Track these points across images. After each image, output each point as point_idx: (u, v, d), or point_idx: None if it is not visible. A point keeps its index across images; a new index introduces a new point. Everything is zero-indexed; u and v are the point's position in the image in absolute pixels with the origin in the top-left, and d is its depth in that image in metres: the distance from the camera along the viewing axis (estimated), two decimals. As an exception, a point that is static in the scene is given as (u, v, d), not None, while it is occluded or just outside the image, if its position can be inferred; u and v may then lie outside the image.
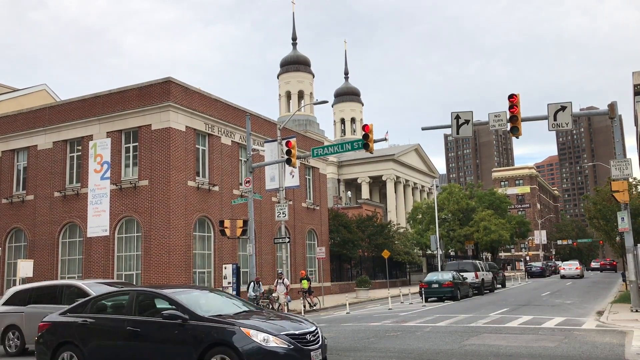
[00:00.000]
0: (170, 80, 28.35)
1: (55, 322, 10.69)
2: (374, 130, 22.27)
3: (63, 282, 15.64)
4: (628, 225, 19.87)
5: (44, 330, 10.70)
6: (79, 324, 10.23)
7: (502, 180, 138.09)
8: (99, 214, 29.10)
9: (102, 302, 10.68)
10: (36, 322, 12.76)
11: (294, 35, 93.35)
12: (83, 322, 10.22)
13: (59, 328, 10.50)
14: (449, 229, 62.76)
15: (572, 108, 19.07)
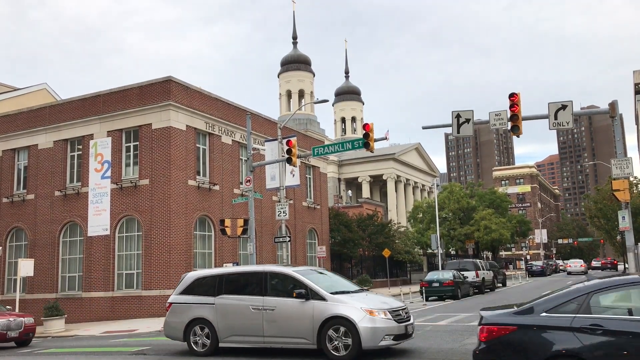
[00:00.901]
0: (171, 80, 28.34)
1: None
2: (374, 129, 22.23)
3: (267, 269, 12.87)
4: (629, 224, 19.84)
5: None
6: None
7: (502, 179, 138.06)
8: (100, 213, 29.12)
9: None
10: (233, 316, 12.32)
11: (295, 34, 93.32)
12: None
13: None
14: (449, 228, 62.73)
15: (572, 107, 19.03)
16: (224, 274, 13.25)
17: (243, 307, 12.23)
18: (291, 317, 11.67)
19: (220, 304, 12.54)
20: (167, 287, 26.77)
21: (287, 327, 11.66)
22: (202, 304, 12.78)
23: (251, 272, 13.15)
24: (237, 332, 12.27)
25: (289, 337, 11.68)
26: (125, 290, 27.92)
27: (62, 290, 29.94)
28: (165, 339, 14.74)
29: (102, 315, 27.66)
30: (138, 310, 26.81)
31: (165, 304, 26.01)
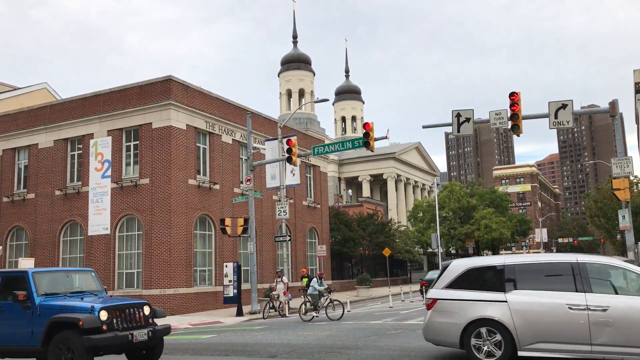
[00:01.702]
0: (171, 79, 28.35)
1: None
2: (374, 128, 22.26)
3: (585, 259, 10.14)
4: (629, 223, 19.86)
5: None
6: None
7: (503, 178, 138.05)
8: (100, 212, 29.14)
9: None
10: (539, 316, 9.64)
11: (295, 33, 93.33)
12: None
13: None
14: (449, 227, 62.73)
15: (573, 106, 19.05)
16: (513, 264, 10.43)
17: (555, 306, 9.63)
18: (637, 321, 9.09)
19: (516, 302, 9.87)
20: (168, 286, 26.80)
21: (632, 333, 9.12)
22: (487, 301, 10.12)
23: (558, 262, 10.34)
24: (546, 338, 9.60)
25: (634, 347, 9.08)
26: (126, 289, 27.94)
27: (62, 289, 29.93)
28: (164, 338, 14.75)
29: (102, 315, 27.63)
30: (138, 309, 26.79)
31: (164, 303, 26.07)
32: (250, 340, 15.18)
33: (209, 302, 29.02)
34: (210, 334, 17.72)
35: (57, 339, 10.24)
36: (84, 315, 10.09)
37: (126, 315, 10.68)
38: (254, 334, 16.89)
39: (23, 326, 10.78)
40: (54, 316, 10.37)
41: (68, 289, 11.57)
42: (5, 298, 11.19)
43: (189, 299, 27.79)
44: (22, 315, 10.83)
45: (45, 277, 11.41)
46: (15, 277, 11.32)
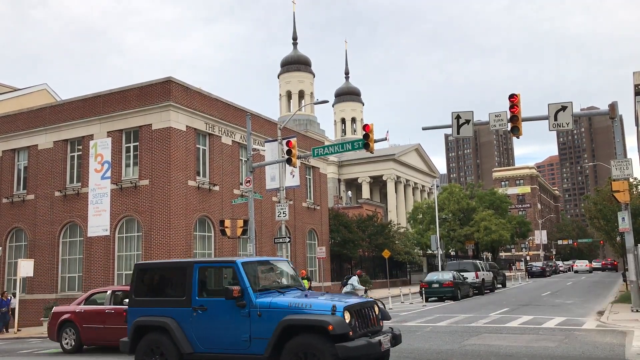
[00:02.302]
0: (171, 80, 28.36)
1: None
2: (374, 130, 22.24)
3: None
4: (628, 225, 19.86)
5: None
6: None
7: (502, 180, 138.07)
8: (100, 213, 29.13)
9: None
10: None
11: (295, 35, 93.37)
12: None
13: None
14: (449, 228, 62.71)
15: (572, 108, 19.06)
16: None
17: None
18: None
19: None
20: (167, 288, 26.77)
21: None
22: None
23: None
24: None
25: None
26: (125, 290, 27.91)
27: (62, 290, 29.94)
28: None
29: (101, 316, 27.62)
30: (138, 310, 26.77)
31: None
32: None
33: (209, 304, 28.95)
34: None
35: (295, 346, 8.34)
36: (332, 318, 8.24)
37: (363, 317, 8.95)
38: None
39: (236, 329, 8.97)
40: (286, 318, 8.50)
41: (275, 282, 9.99)
42: (209, 294, 9.53)
43: (188, 300, 27.73)
44: (235, 316, 9.00)
45: (253, 268, 9.65)
46: (219, 268, 9.82)
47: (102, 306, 15.54)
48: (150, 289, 10.23)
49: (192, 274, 9.54)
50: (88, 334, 15.31)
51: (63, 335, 15.79)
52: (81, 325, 15.43)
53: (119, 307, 14.87)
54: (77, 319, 15.59)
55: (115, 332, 14.22)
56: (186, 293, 9.56)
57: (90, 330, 15.27)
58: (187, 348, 9.38)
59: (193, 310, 9.41)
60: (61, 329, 15.83)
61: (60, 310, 16.50)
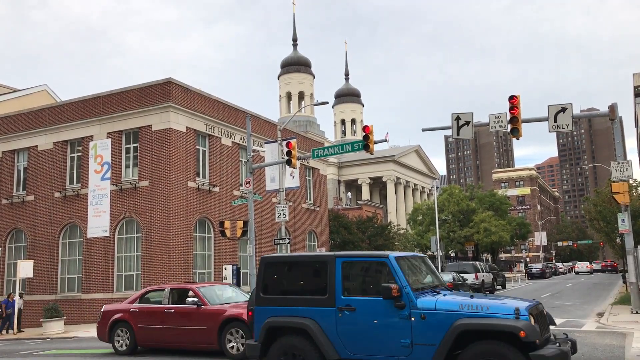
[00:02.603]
0: (171, 81, 28.36)
1: None
2: (374, 131, 22.24)
3: None
4: (628, 227, 19.87)
5: None
6: None
7: (502, 181, 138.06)
8: (99, 214, 29.12)
9: None
10: None
11: (295, 36, 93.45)
12: None
13: None
14: (449, 230, 62.74)
15: (572, 109, 19.07)
16: None
17: None
18: None
19: None
20: (167, 289, 26.75)
21: None
22: None
23: None
24: None
25: None
26: (125, 291, 27.89)
27: (61, 291, 29.92)
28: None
29: (101, 317, 27.60)
30: (137, 311, 26.77)
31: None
32: (249, 343, 15.12)
33: (208, 305, 28.96)
34: (209, 336, 17.64)
35: (474, 355, 7.33)
36: (520, 323, 7.27)
37: (542, 320, 7.94)
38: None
39: (393, 333, 7.97)
40: (460, 322, 7.50)
41: (424, 280, 8.98)
42: (356, 292, 8.53)
43: (188, 301, 27.72)
44: (391, 318, 8.03)
45: (405, 264, 8.64)
46: (367, 264, 8.74)
47: (160, 305, 14.25)
48: (280, 286, 9.26)
49: (335, 270, 8.59)
50: (144, 334, 14.21)
51: (115, 335, 14.73)
52: (136, 326, 14.29)
53: (179, 307, 13.83)
54: (131, 319, 14.44)
55: (175, 334, 13.56)
56: (328, 291, 8.56)
57: (147, 331, 14.14)
58: (332, 353, 8.39)
59: (338, 311, 8.43)
60: (113, 330, 14.76)
61: (112, 309, 15.31)
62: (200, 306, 13.41)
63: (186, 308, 13.60)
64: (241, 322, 12.50)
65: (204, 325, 13.04)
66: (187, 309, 13.58)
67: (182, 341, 13.53)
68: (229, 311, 12.97)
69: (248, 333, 11.90)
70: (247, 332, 12.13)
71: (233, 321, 12.70)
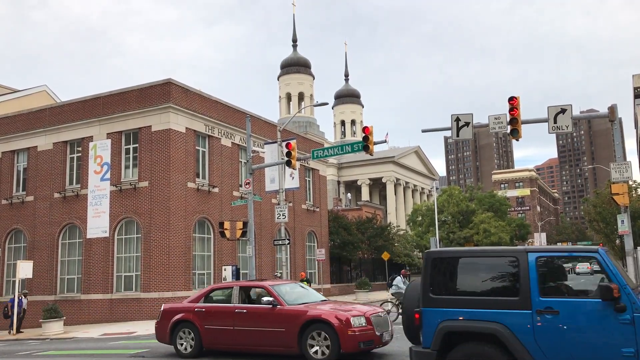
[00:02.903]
0: (171, 82, 28.37)
1: None
2: (374, 132, 22.25)
3: None
4: (628, 228, 19.86)
5: None
6: None
7: (502, 182, 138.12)
8: (99, 215, 29.12)
9: None
10: None
11: (295, 36, 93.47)
12: None
13: None
14: (448, 231, 62.73)
15: (572, 111, 19.06)
16: None
17: None
18: None
19: None
20: (166, 290, 26.75)
21: None
22: None
23: None
24: None
25: None
26: (124, 292, 27.89)
27: (60, 292, 29.91)
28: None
29: (100, 318, 27.62)
30: (137, 312, 26.79)
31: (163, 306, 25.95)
32: (248, 343, 15.10)
33: (208, 306, 28.95)
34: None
35: None
36: None
37: None
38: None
39: (612, 340, 7.04)
40: None
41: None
42: (558, 292, 7.63)
43: (187, 302, 27.71)
44: (609, 323, 7.09)
45: (614, 260, 7.81)
46: (569, 259, 8.01)
47: (229, 305, 13.13)
48: (453, 285, 8.27)
49: (528, 267, 7.58)
50: (212, 336, 13.09)
51: (178, 337, 13.53)
52: (202, 327, 13.17)
53: (253, 307, 12.76)
54: (196, 319, 13.30)
55: (248, 336, 12.51)
56: (521, 291, 7.57)
57: (215, 332, 13.03)
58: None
59: (536, 314, 7.43)
60: (175, 330, 13.59)
61: (173, 308, 14.07)
62: (275, 306, 12.32)
63: (260, 308, 12.52)
64: (325, 324, 11.53)
65: (282, 327, 12.00)
66: (262, 309, 12.49)
67: (256, 344, 12.47)
68: (311, 312, 11.92)
69: (334, 336, 11.30)
70: (332, 335, 11.36)
71: (315, 323, 11.68)
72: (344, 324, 11.36)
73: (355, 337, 11.35)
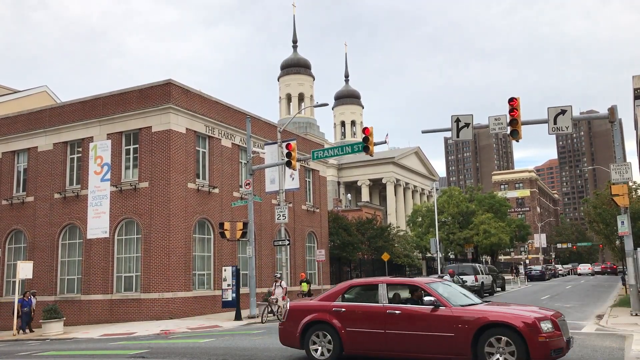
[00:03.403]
0: (171, 83, 28.38)
1: None
2: (374, 133, 22.29)
3: None
4: (628, 229, 19.87)
5: None
6: None
7: (502, 183, 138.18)
8: (99, 215, 29.13)
9: None
10: None
11: (295, 37, 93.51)
12: None
13: None
14: (448, 232, 62.77)
15: (572, 112, 19.10)
16: None
17: None
18: None
19: None
20: (166, 290, 26.76)
21: None
22: None
23: None
24: None
25: None
26: (124, 293, 27.90)
27: (61, 292, 29.91)
28: (162, 342, 14.72)
29: (100, 318, 27.63)
30: (137, 313, 26.79)
31: (163, 307, 26.05)
32: (248, 344, 15.16)
33: (208, 306, 28.98)
34: (209, 338, 17.70)
35: None
36: None
37: None
38: (253, 338, 16.86)
39: None
40: None
41: None
42: None
43: (187, 302, 27.75)
44: None
45: None
46: None
47: (377, 304, 11.37)
48: None
49: None
50: (355, 340, 11.33)
51: (311, 342, 11.71)
52: (344, 329, 11.42)
53: (409, 308, 11.00)
54: (335, 320, 11.54)
55: (405, 341, 10.78)
56: None
57: (360, 335, 11.29)
58: None
59: None
60: (308, 332, 11.78)
61: (303, 308, 12.26)
62: (438, 307, 10.60)
63: (419, 309, 10.83)
64: (508, 328, 9.84)
65: (449, 332, 10.31)
66: (421, 311, 10.79)
67: (414, 350, 10.74)
68: (489, 315, 10.19)
69: (520, 343, 9.66)
70: (518, 341, 9.70)
71: (495, 327, 9.97)
72: (532, 329, 9.68)
73: (546, 344, 9.65)
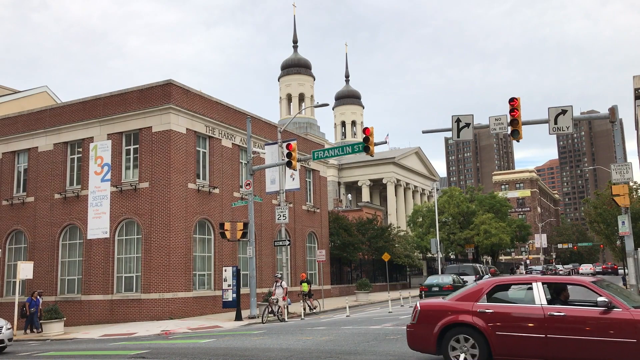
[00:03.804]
0: (171, 83, 28.38)
1: None
2: (374, 133, 22.30)
3: None
4: (628, 229, 19.86)
5: None
6: None
7: (502, 183, 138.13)
8: (99, 216, 29.12)
9: None
10: None
11: (295, 38, 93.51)
12: None
13: None
14: (449, 232, 62.75)
15: (572, 112, 19.08)
16: None
17: None
18: None
19: None
20: (166, 291, 26.75)
21: None
22: None
23: None
24: None
25: None
26: (125, 293, 27.89)
27: (61, 293, 29.91)
28: (162, 342, 14.71)
29: (101, 318, 27.63)
30: (137, 313, 26.79)
31: (163, 307, 26.04)
32: (249, 344, 15.15)
33: (208, 307, 28.98)
34: (209, 338, 17.69)
35: None
36: None
37: None
38: (253, 338, 16.85)
39: None
40: None
41: None
42: None
43: (188, 303, 27.75)
44: None
45: None
46: None
47: (533, 305, 9.95)
48: None
49: None
50: (507, 345, 9.89)
51: (450, 347, 10.35)
52: (493, 333, 10.02)
53: (575, 310, 9.55)
54: (482, 323, 10.13)
55: (569, 347, 9.34)
56: None
57: (514, 340, 9.85)
58: None
59: None
60: (445, 336, 10.41)
61: (437, 308, 10.83)
62: (611, 309, 9.14)
63: (588, 312, 9.44)
64: None
65: (631, 337, 8.80)
66: (591, 314, 9.39)
67: (583, 358, 9.31)
68: None
69: None
70: None
71: None
72: None
73: None
